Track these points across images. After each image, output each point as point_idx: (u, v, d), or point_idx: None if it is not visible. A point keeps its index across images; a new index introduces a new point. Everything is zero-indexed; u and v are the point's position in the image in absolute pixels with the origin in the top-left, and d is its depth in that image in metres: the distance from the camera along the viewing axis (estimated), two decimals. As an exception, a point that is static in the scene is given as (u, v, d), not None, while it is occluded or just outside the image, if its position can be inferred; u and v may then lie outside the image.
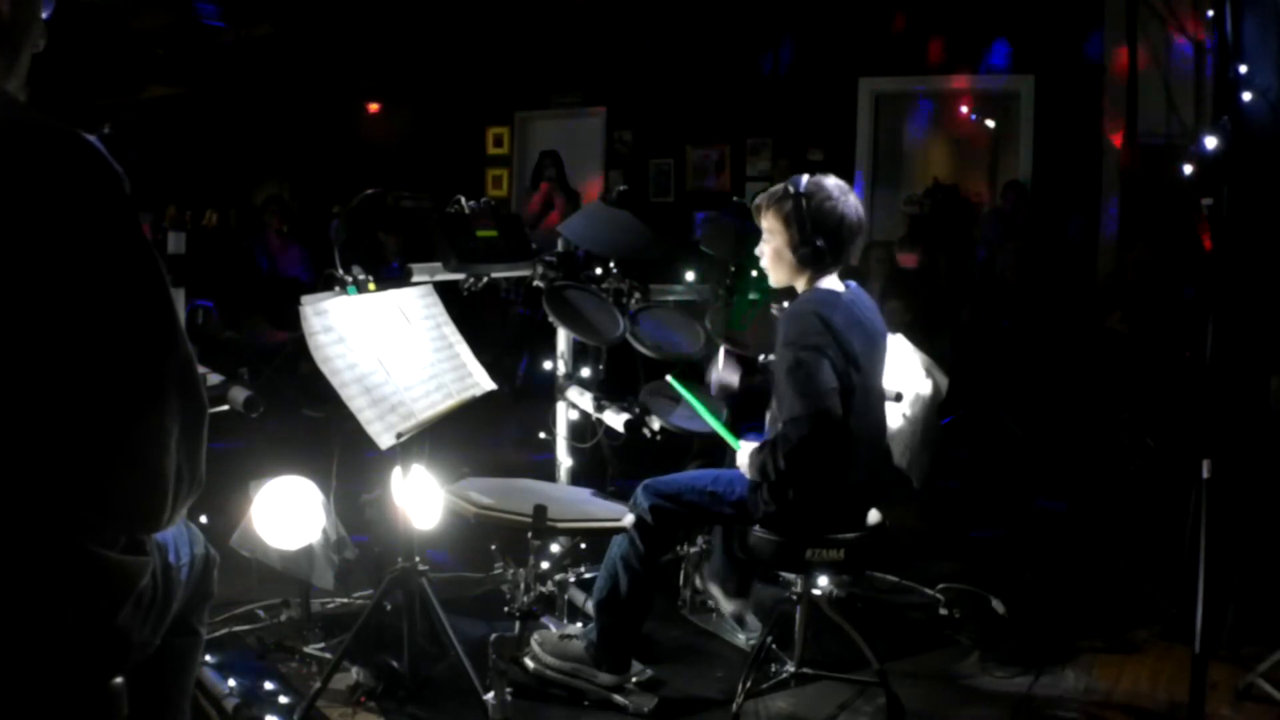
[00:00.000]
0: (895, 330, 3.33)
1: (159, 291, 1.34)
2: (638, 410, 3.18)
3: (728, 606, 3.32)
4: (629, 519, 2.66)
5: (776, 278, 2.86)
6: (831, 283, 2.79)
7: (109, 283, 1.29)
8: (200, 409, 1.40)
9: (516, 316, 7.14)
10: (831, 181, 2.77)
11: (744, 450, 2.77)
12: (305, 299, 2.57)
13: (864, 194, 7.88)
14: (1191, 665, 2.61)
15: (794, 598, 2.91)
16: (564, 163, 8.09)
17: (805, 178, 2.78)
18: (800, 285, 2.82)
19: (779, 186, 2.81)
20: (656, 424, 3.18)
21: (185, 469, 1.37)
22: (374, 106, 10.06)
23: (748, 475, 2.75)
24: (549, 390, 3.49)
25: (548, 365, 3.50)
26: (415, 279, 3.07)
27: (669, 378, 3.20)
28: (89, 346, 1.28)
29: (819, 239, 2.71)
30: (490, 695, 2.49)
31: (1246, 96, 3.34)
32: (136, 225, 1.33)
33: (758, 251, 2.88)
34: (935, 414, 3.41)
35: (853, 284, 2.84)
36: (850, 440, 2.69)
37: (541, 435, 3.56)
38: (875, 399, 2.83)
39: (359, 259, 2.85)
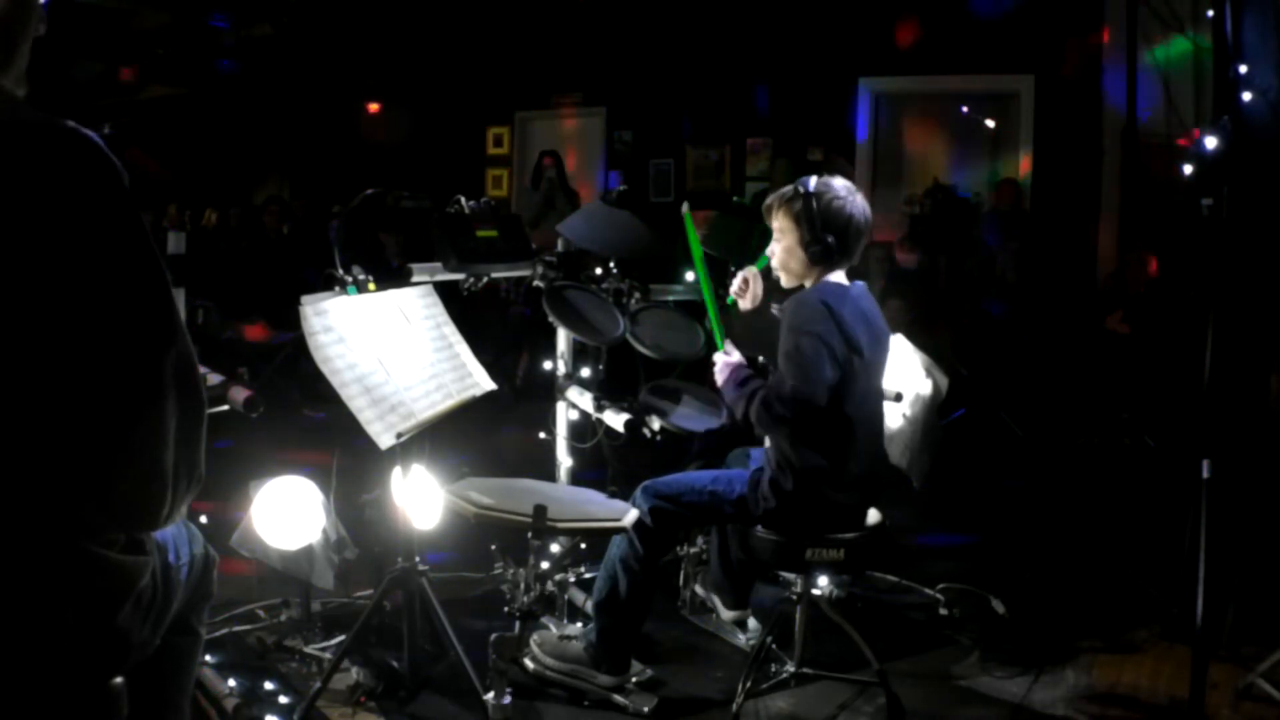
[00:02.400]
0: (895, 330, 3.33)
1: (159, 286, 1.34)
2: (638, 410, 3.18)
3: (727, 614, 3.32)
4: (630, 518, 2.66)
5: (787, 277, 2.89)
6: (839, 279, 2.82)
7: (109, 277, 1.29)
8: (199, 405, 1.40)
9: (516, 316, 7.14)
10: (839, 182, 2.82)
11: (725, 355, 2.87)
12: (305, 299, 2.56)
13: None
14: (1191, 664, 2.61)
15: (794, 598, 2.91)
16: (564, 163, 8.11)
17: (814, 178, 2.82)
18: (809, 283, 2.84)
19: (788, 187, 2.85)
20: (656, 424, 3.18)
21: (184, 466, 1.37)
22: (374, 106, 10.06)
23: (717, 378, 2.85)
24: (549, 390, 3.49)
25: (548, 365, 3.50)
26: (415, 279, 3.07)
27: (684, 208, 3.22)
28: (89, 341, 1.28)
29: (829, 236, 2.75)
30: (490, 695, 2.48)
31: (1246, 96, 3.34)
32: (137, 220, 1.33)
33: (768, 252, 2.90)
34: (935, 414, 3.41)
35: (859, 283, 2.86)
36: (850, 431, 2.71)
37: (541, 435, 3.55)
38: (875, 393, 2.85)
39: (359, 259, 2.85)
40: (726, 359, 2.86)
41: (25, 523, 1.30)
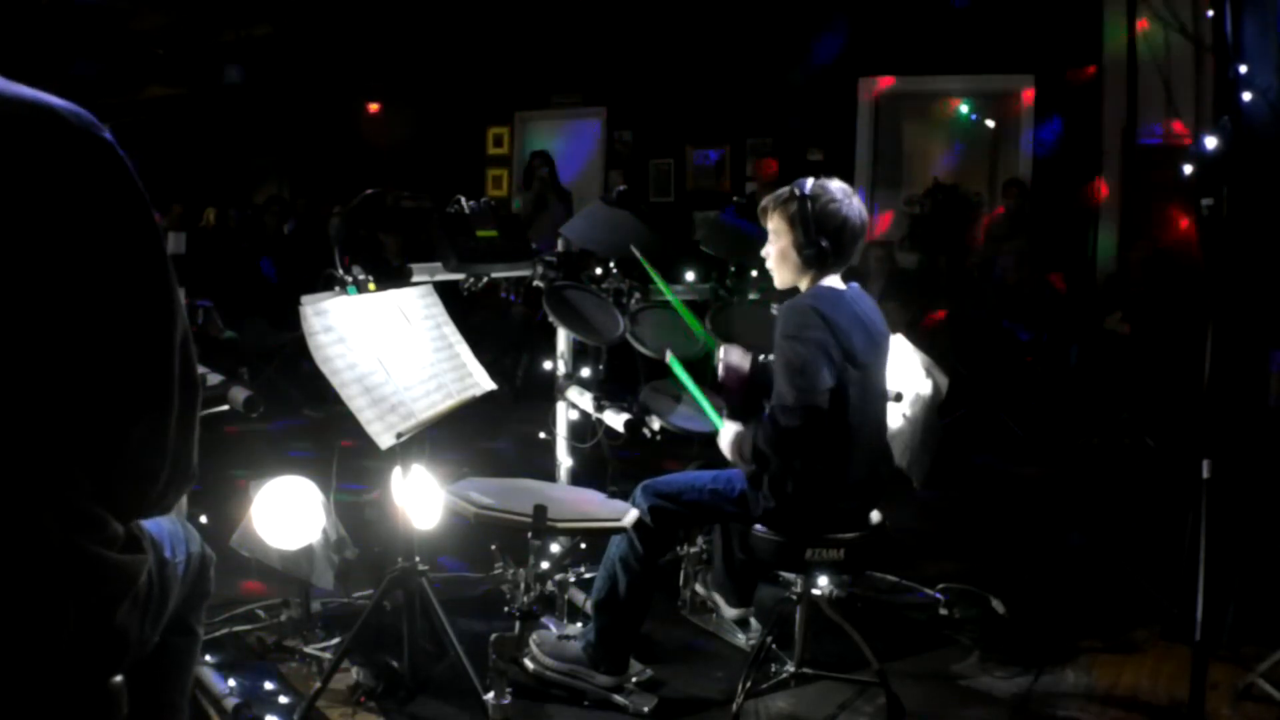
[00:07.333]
0: (895, 330, 3.32)
1: (165, 278, 1.36)
2: (638, 410, 3.18)
3: (730, 613, 3.32)
4: (630, 518, 2.66)
5: (781, 278, 2.88)
6: (834, 282, 2.81)
7: (119, 268, 1.31)
8: (195, 394, 1.41)
9: (516, 316, 7.15)
10: (835, 184, 2.81)
11: (726, 430, 2.80)
12: (305, 299, 2.57)
13: (864, 195, 7.89)
14: (1192, 664, 2.61)
15: (794, 598, 2.91)
16: (555, 163, 8.11)
17: (810, 180, 2.81)
18: (804, 285, 2.84)
19: (785, 189, 2.84)
20: (656, 424, 3.18)
21: (181, 451, 1.39)
22: (374, 106, 10.07)
23: (727, 455, 2.80)
24: (549, 390, 3.49)
25: (548, 365, 3.50)
26: (415, 279, 3.07)
27: (669, 356, 3.19)
28: (95, 330, 1.29)
29: (823, 239, 2.74)
30: (490, 695, 2.48)
31: (1246, 96, 3.34)
32: (148, 213, 1.34)
33: (764, 253, 2.90)
34: (935, 414, 3.41)
35: (854, 285, 2.86)
36: (849, 437, 2.70)
37: (541, 435, 3.55)
38: (875, 397, 2.84)
39: (359, 259, 2.85)
40: (729, 427, 2.82)
41: (26, 521, 1.30)
